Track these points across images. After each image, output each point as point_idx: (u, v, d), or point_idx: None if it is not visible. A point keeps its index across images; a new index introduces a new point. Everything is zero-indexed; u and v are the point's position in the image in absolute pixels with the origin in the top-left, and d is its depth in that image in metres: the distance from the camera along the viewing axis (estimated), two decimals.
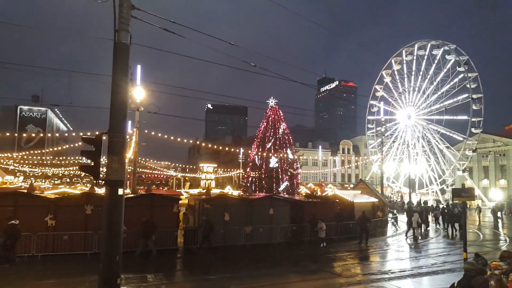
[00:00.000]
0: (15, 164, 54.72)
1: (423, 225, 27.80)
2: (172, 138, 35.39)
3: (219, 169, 67.33)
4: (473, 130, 62.44)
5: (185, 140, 39.76)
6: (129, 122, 24.56)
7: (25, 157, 59.06)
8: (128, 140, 23.19)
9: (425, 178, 68.90)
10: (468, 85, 62.20)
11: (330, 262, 16.39)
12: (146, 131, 30.17)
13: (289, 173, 41.90)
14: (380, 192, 36.40)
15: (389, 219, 32.30)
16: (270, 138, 42.48)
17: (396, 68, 72.14)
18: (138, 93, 22.74)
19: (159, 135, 33.29)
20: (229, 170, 68.89)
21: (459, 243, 21.95)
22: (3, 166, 49.40)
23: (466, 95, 62.50)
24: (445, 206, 42.18)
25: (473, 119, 61.98)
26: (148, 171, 72.50)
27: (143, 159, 56.18)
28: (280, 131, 42.63)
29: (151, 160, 62.93)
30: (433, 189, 68.94)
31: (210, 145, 64.24)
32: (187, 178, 77.08)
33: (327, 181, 76.72)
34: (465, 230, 13.02)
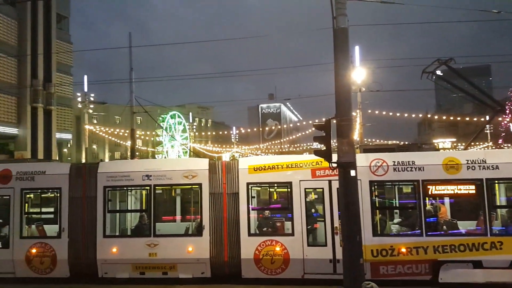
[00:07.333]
0: (261, 154, 66.18)
1: None
2: (398, 114, 33.78)
3: (459, 144, 59.66)
4: None
5: (413, 115, 37.16)
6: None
7: (268, 147, 70.85)
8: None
9: None
10: None
11: None
12: (369, 111, 29.96)
13: None
14: None
15: None
16: None
17: None
18: (358, 74, 22.86)
19: (383, 113, 32.40)
20: (473, 143, 59.51)
21: None
22: (253, 155, 60.70)
23: None
24: None
25: None
26: None
27: (369, 140, 56.11)
28: None
29: (377, 140, 62.02)
30: None
31: (444, 117, 58.41)
32: None
33: None
34: None
